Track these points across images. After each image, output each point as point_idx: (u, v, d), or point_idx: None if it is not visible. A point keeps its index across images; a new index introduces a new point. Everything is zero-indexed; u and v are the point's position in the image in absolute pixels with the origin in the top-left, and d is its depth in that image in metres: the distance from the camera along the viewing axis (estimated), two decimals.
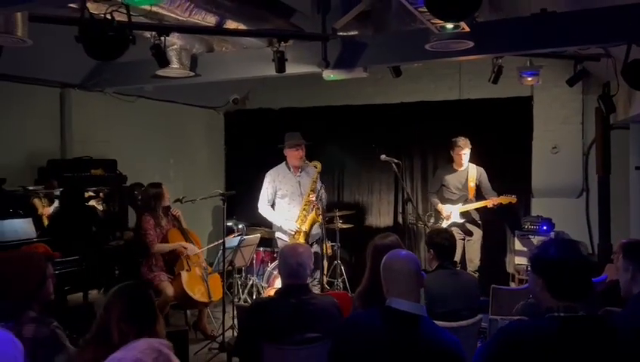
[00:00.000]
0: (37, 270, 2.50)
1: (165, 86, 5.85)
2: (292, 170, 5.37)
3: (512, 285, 5.98)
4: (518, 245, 6.01)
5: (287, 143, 5.33)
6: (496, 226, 6.30)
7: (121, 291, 2.30)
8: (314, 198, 5.20)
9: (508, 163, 6.53)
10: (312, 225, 5.20)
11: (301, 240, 5.13)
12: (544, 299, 2.13)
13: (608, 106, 4.83)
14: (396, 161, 5.22)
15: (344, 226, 6.31)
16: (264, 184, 5.40)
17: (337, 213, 6.56)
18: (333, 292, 5.46)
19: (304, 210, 5.20)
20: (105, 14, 2.78)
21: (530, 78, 5.16)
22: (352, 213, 7.00)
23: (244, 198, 6.14)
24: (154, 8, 3.54)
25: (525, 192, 6.48)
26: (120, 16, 2.89)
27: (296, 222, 5.21)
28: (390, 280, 2.43)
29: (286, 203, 5.32)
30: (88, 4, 2.61)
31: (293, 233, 5.18)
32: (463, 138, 5.72)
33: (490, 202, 5.64)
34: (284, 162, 5.41)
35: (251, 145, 7.86)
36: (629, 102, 5.19)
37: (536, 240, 5.84)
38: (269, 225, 6.70)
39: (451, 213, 5.76)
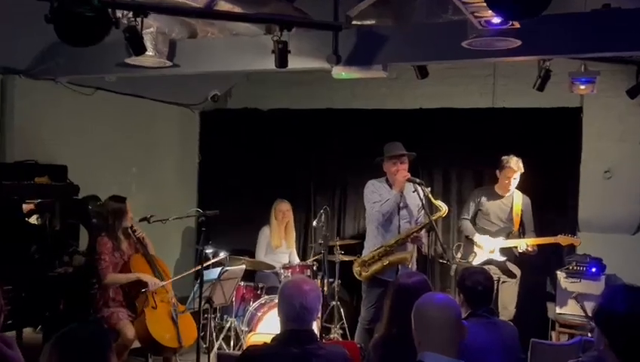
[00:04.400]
0: None
1: (130, 77, 5.90)
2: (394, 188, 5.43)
3: (552, 335, 6.03)
4: (560, 290, 6.06)
5: (385, 155, 5.42)
6: (534, 265, 6.34)
7: (56, 341, 2.24)
8: (422, 238, 5.36)
9: (549, 188, 6.59)
10: (387, 266, 5.32)
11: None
12: (609, 358, 2.18)
13: None
14: (418, 180, 5.28)
15: (345, 259, 6.32)
16: (371, 192, 5.51)
17: (337, 243, 6.60)
18: (339, 341, 5.48)
19: (399, 241, 5.31)
20: None
21: (583, 87, 5.26)
22: (356, 242, 7.02)
23: (222, 219, 6.14)
24: None
25: (570, 225, 6.54)
26: None
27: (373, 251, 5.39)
28: (423, 330, 2.47)
29: (379, 222, 5.45)
30: None
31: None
32: (515, 158, 5.75)
33: (547, 240, 5.67)
34: (385, 178, 5.49)
35: (232, 153, 7.91)
36: None
37: (582, 284, 5.89)
38: (252, 253, 6.75)
39: (495, 250, 5.80)
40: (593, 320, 2.33)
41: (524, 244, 5.70)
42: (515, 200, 5.88)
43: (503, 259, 5.80)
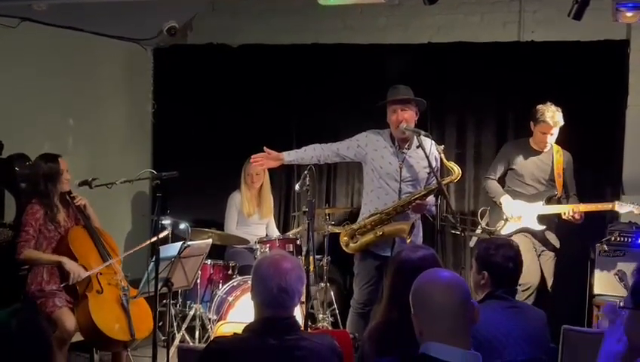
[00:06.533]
0: None
1: (65, 5, 5.84)
2: (397, 143, 5.44)
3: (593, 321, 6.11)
4: (599, 266, 6.12)
5: (387, 100, 5.45)
6: (569, 236, 6.40)
7: None
8: (429, 206, 5.37)
9: (587, 141, 6.58)
10: (381, 238, 5.35)
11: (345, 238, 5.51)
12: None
13: None
14: (424, 132, 5.27)
15: (336, 230, 6.34)
16: (353, 138, 5.59)
17: (326, 211, 6.62)
18: (328, 330, 5.53)
19: (397, 207, 5.32)
20: None
21: (630, 14, 5.23)
22: (348, 210, 7.05)
23: (182, 183, 6.15)
24: None
25: (612, 187, 6.59)
26: None
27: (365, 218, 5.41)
28: (425, 316, 2.49)
29: (373, 184, 5.52)
30: None
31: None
32: (553, 108, 5.74)
33: (604, 206, 5.74)
34: (389, 130, 5.52)
35: (194, 100, 7.88)
36: None
37: (627, 259, 5.94)
38: (220, 224, 6.77)
39: (522, 218, 5.85)
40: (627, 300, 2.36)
41: (570, 211, 5.75)
42: (556, 155, 5.92)
43: (541, 227, 5.87)
